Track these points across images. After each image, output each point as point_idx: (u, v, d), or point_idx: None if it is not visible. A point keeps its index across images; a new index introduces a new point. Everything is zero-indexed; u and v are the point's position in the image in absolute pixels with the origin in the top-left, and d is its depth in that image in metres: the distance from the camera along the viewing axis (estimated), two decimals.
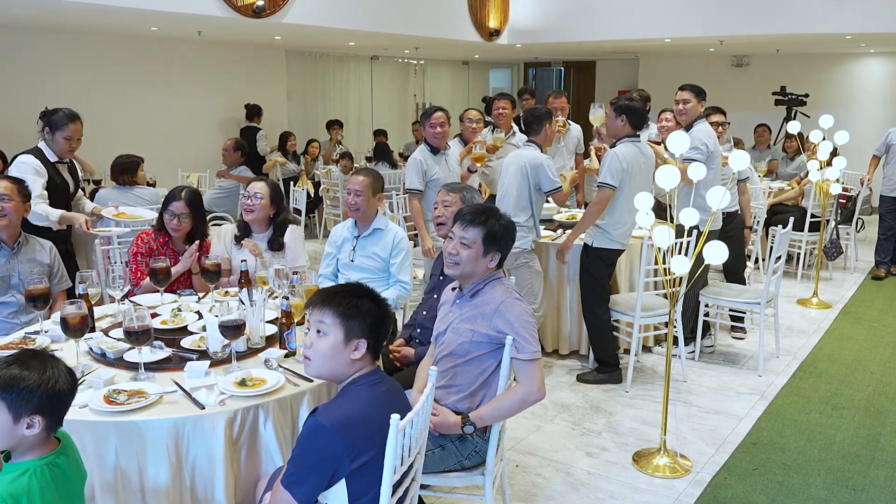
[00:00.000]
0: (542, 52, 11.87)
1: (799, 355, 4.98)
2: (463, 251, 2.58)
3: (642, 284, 4.26)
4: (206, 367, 2.47)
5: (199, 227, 3.66)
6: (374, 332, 2.04)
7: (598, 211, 4.26)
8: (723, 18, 8.07)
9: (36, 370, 1.72)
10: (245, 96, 9.67)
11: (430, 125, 4.87)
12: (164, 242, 3.61)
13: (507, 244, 2.65)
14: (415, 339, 3.33)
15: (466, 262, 2.59)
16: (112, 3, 5.70)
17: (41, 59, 7.98)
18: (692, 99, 4.66)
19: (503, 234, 2.62)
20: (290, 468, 1.94)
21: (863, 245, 8.18)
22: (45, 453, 1.77)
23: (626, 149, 4.22)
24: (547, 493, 3.26)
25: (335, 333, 2.02)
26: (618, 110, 4.27)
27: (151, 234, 3.63)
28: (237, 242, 3.76)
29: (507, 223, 2.66)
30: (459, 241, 2.60)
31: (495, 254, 2.61)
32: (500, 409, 2.53)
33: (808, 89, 9.92)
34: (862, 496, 3.25)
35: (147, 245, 3.58)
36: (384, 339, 2.10)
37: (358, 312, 2.02)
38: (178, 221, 3.56)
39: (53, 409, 1.74)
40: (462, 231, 2.60)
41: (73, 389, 1.79)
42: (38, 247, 3.50)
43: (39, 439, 1.75)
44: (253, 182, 3.79)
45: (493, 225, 2.60)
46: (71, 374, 1.79)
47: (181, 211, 3.56)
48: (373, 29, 7.81)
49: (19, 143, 7.04)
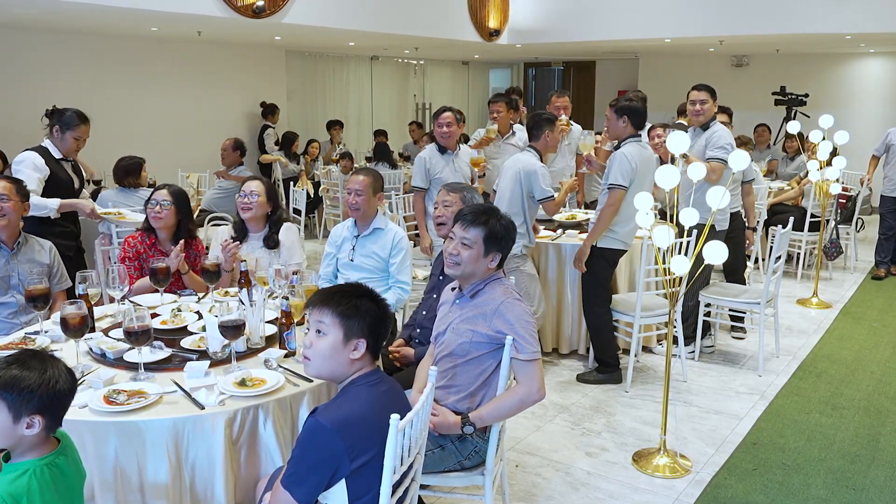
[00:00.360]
0: (542, 52, 11.87)
1: (799, 355, 4.98)
2: (464, 251, 2.58)
3: (642, 284, 4.26)
4: (205, 368, 2.47)
5: (184, 224, 3.63)
6: (373, 331, 2.04)
7: (612, 213, 4.22)
8: (723, 18, 8.07)
9: (36, 370, 1.72)
10: (245, 97, 9.67)
11: (437, 125, 4.95)
12: (151, 244, 3.60)
13: (508, 244, 2.65)
14: (414, 339, 3.33)
15: (467, 263, 2.58)
16: (112, 4, 5.69)
17: (41, 59, 7.98)
18: (709, 99, 4.69)
19: (504, 235, 2.62)
20: (289, 468, 1.94)
21: (863, 245, 8.18)
22: (44, 453, 1.77)
23: (632, 148, 4.22)
24: (547, 493, 3.26)
25: (334, 333, 2.01)
26: (619, 111, 4.26)
27: (138, 237, 3.62)
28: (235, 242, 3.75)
29: (508, 223, 2.66)
30: (460, 241, 2.60)
31: (496, 254, 2.61)
32: (499, 409, 2.53)
33: (808, 89, 9.92)
34: (862, 496, 3.25)
35: (134, 248, 3.57)
36: (384, 339, 2.10)
37: (357, 312, 2.02)
38: (161, 208, 3.53)
39: (53, 409, 1.74)
40: (463, 231, 2.60)
41: (72, 389, 1.79)
42: (37, 247, 3.50)
43: (39, 439, 1.75)
44: (248, 181, 3.78)
45: (493, 225, 2.59)
46: (71, 375, 1.80)
47: (163, 198, 3.54)
48: (373, 29, 7.80)
49: (19, 143, 7.02)
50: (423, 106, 13.14)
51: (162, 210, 3.54)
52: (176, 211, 3.58)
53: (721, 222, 4.72)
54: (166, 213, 3.55)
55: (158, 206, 3.54)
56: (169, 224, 3.58)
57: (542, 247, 4.78)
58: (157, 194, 3.57)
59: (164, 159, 8.12)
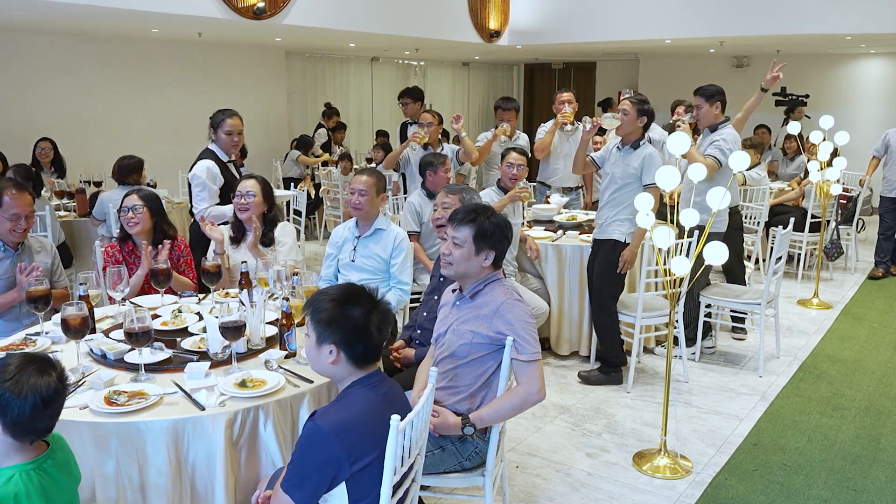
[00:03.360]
0: (543, 53, 11.87)
1: (799, 356, 4.98)
2: (455, 251, 2.59)
3: (643, 285, 4.26)
4: (206, 369, 2.47)
5: (159, 226, 3.60)
6: (345, 341, 2.01)
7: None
8: (723, 19, 8.06)
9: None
10: (245, 98, 9.67)
11: (444, 170, 4.80)
12: (129, 250, 3.58)
13: (501, 242, 2.61)
14: (415, 341, 3.33)
15: (459, 262, 2.59)
16: (113, 6, 5.70)
17: (42, 61, 7.99)
18: (703, 104, 4.67)
19: (494, 232, 2.59)
20: (289, 472, 1.94)
21: (863, 245, 8.18)
22: (30, 458, 1.75)
23: (652, 149, 4.29)
24: (547, 494, 3.26)
25: (312, 337, 2.06)
26: (640, 112, 4.27)
27: (116, 245, 3.60)
28: (233, 243, 3.76)
29: (500, 221, 2.63)
30: (452, 240, 2.61)
31: (488, 252, 2.59)
32: (500, 410, 2.53)
33: (809, 90, 9.92)
34: (863, 497, 3.25)
35: (113, 257, 3.55)
36: (363, 348, 2.04)
37: (332, 320, 2.01)
38: (133, 213, 3.51)
39: (14, 429, 1.71)
40: (454, 231, 2.61)
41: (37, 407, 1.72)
42: (37, 246, 3.51)
43: (15, 447, 1.73)
44: (243, 181, 3.76)
45: (482, 223, 2.58)
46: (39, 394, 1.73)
47: (134, 203, 3.52)
48: (373, 30, 7.81)
49: (19, 145, 7.08)
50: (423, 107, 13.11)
51: (135, 215, 3.52)
52: (150, 214, 3.56)
53: (718, 224, 4.71)
54: (140, 217, 3.52)
55: (131, 213, 3.51)
56: (145, 228, 3.55)
57: (542, 248, 4.78)
58: (127, 200, 3.55)
59: (164, 160, 8.12)
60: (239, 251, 3.72)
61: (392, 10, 7.91)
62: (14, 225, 3.32)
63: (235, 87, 9.79)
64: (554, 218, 5.30)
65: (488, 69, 14.47)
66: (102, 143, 8.25)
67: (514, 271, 4.70)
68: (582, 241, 4.79)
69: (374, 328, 2.03)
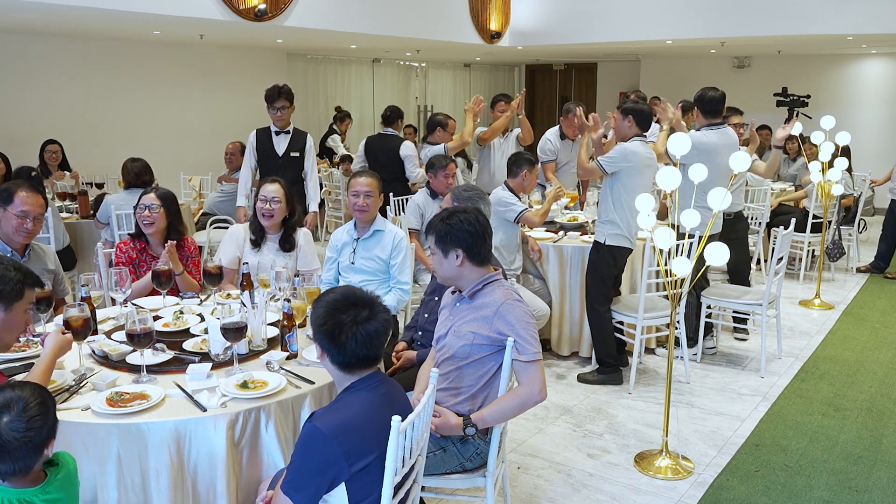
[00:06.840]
0: (544, 54, 11.87)
1: (801, 356, 4.98)
2: (432, 259, 2.66)
3: (645, 286, 4.26)
4: (207, 370, 2.47)
5: (174, 226, 3.61)
6: (326, 348, 2.03)
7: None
8: (724, 20, 8.07)
9: None
10: (246, 99, 9.68)
11: (444, 175, 4.95)
12: (142, 248, 3.59)
13: (460, 236, 2.55)
14: (416, 342, 3.33)
15: (438, 269, 2.65)
16: (114, 7, 5.71)
17: (43, 63, 8.01)
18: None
19: (448, 231, 2.56)
20: (288, 474, 1.94)
21: (865, 246, 8.17)
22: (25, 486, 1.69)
23: (635, 146, 4.27)
24: (548, 495, 3.26)
25: None
26: (624, 112, 4.32)
27: (129, 242, 3.61)
28: (254, 246, 3.75)
29: (461, 218, 2.57)
30: (430, 251, 2.68)
31: (454, 250, 2.56)
32: (501, 410, 2.53)
33: (810, 90, 9.90)
34: (864, 497, 3.25)
35: (126, 254, 3.56)
36: (341, 358, 2.03)
37: (318, 327, 2.03)
38: (149, 212, 3.51)
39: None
40: (428, 241, 2.69)
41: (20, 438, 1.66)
42: (43, 253, 3.52)
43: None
44: (266, 185, 3.71)
45: (437, 227, 2.60)
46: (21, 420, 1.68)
47: (151, 202, 3.53)
48: (374, 32, 7.82)
49: (22, 147, 7.10)
50: (424, 108, 13.15)
51: (152, 214, 3.52)
52: (165, 213, 3.56)
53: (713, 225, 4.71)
54: (156, 217, 3.53)
55: (148, 211, 3.52)
56: (160, 228, 3.56)
57: (543, 248, 4.78)
58: (145, 199, 3.55)
59: (166, 162, 8.14)
60: (258, 253, 3.71)
61: (393, 11, 7.93)
62: (21, 223, 3.29)
63: (237, 89, 9.81)
64: (555, 219, 5.31)
65: (489, 70, 14.48)
66: (104, 144, 8.28)
67: (518, 269, 4.70)
68: (583, 241, 4.79)
69: (352, 340, 1.99)
